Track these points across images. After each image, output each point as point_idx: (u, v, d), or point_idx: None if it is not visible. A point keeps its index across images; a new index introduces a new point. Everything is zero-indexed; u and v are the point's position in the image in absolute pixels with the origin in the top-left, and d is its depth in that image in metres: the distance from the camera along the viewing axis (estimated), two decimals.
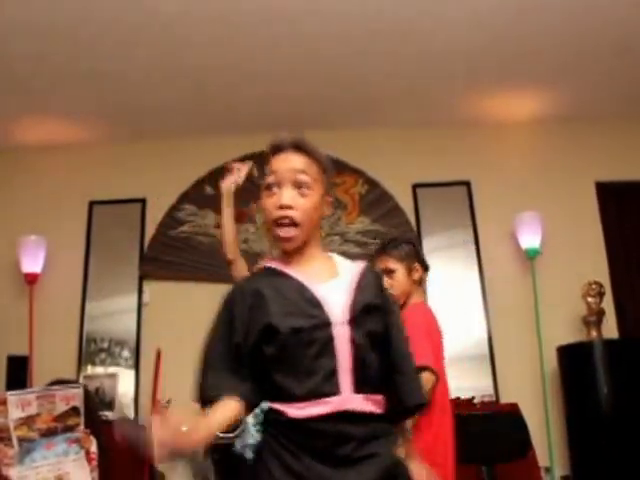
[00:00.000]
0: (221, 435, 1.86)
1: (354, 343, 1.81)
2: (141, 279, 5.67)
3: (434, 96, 5.46)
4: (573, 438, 4.94)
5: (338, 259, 2.03)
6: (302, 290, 1.86)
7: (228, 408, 1.86)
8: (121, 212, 5.83)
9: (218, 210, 5.65)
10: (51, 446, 3.19)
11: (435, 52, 4.84)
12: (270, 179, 1.90)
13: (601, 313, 5.14)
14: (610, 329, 5.25)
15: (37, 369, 5.12)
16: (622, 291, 5.52)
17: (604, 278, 5.36)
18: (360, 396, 1.79)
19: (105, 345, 5.51)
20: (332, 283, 1.89)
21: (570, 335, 5.17)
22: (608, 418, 4.69)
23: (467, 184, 5.73)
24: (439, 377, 2.82)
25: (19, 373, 5.12)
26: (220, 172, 5.73)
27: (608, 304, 5.28)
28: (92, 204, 5.86)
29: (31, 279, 5.44)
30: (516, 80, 5.25)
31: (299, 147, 1.96)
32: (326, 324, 1.81)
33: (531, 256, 5.36)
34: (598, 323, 5.11)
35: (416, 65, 5.01)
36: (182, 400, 5.18)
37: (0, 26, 4.34)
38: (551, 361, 5.14)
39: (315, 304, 1.83)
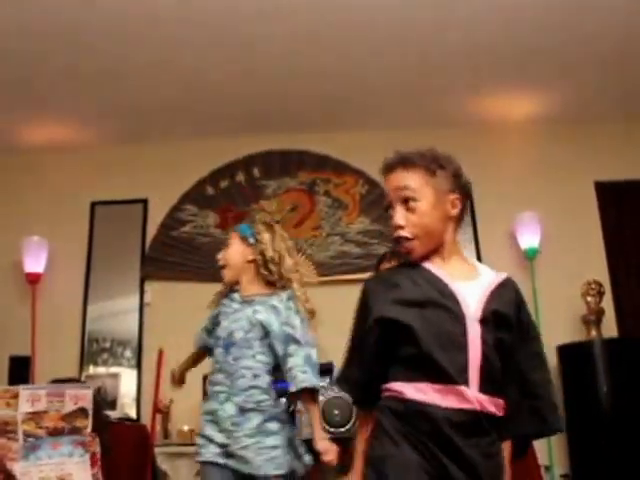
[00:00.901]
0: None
1: (485, 342, 1.86)
2: (143, 279, 5.69)
3: (433, 97, 5.47)
4: (573, 437, 4.94)
5: (480, 266, 2.10)
6: (436, 282, 1.93)
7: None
8: (123, 213, 5.86)
9: (219, 210, 5.73)
10: (57, 446, 3.22)
11: (435, 53, 4.86)
12: (386, 203, 2.04)
13: (601, 312, 5.15)
14: (610, 328, 5.26)
15: (39, 369, 5.14)
16: (622, 290, 5.53)
17: (603, 277, 5.38)
18: (487, 397, 1.83)
19: (107, 345, 5.53)
20: (469, 283, 1.95)
21: (570, 334, 5.18)
22: (608, 417, 4.71)
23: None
24: None
25: (22, 373, 5.13)
26: (221, 172, 5.81)
27: (608, 303, 5.30)
28: (94, 205, 5.89)
29: (33, 279, 5.46)
30: (515, 80, 5.27)
31: (399, 162, 2.03)
32: (460, 317, 1.87)
33: (530, 256, 5.38)
34: (598, 322, 5.13)
35: (416, 66, 5.02)
36: (183, 399, 5.23)
37: (3, 28, 4.35)
38: (551, 360, 5.10)
39: (448, 295, 1.90)
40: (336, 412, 4.71)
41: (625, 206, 5.74)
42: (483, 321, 1.88)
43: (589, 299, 5.16)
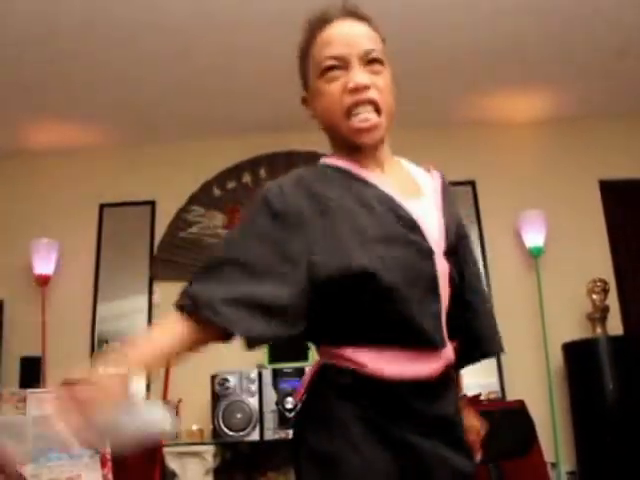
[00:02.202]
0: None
1: (452, 280, 1.48)
2: (151, 280, 5.72)
3: (437, 96, 5.49)
4: (579, 434, 4.97)
5: (409, 166, 1.66)
6: (393, 206, 1.44)
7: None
8: (131, 214, 5.89)
9: (226, 211, 5.76)
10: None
11: (439, 52, 4.88)
12: (328, 61, 1.48)
13: (606, 310, 5.16)
14: (615, 326, 5.28)
15: (50, 370, 5.18)
16: (627, 288, 5.54)
17: (608, 275, 5.39)
18: (451, 345, 1.47)
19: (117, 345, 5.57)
20: (419, 201, 1.50)
21: (575, 332, 5.20)
22: (614, 414, 4.72)
23: (472, 183, 5.77)
24: None
25: (32, 374, 5.17)
26: (227, 173, 5.85)
27: (613, 301, 5.31)
28: (103, 207, 5.92)
29: (43, 281, 5.51)
30: (519, 80, 5.28)
31: (354, 13, 1.56)
32: (428, 254, 1.43)
33: (535, 254, 5.40)
34: (603, 320, 5.14)
35: (419, 65, 5.01)
36: (192, 398, 5.26)
37: (12, 31, 4.39)
38: (557, 358, 5.17)
39: (412, 226, 1.43)
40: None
41: (630, 204, 5.75)
42: (447, 253, 1.48)
43: (594, 297, 5.16)
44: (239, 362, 4.86)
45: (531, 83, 5.36)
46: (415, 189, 1.52)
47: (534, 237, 5.41)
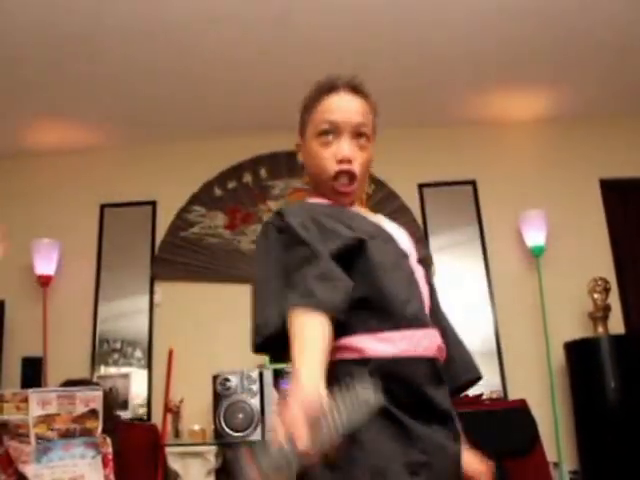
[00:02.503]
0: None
1: (429, 284, 1.68)
2: (152, 280, 5.72)
3: (439, 96, 5.49)
4: (581, 433, 4.97)
5: (380, 216, 1.84)
6: (370, 222, 1.69)
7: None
8: (132, 214, 5.89)
9: (227, 211, 5.77)
10: (69, 448, 3.26)
11: (440, 52, 4.88)
12: (325, 125, 1.70)
13: (607, 309, 5.16)
14: (616, 325, 5.28)
15: (51, 370, 5.18)
16: (628, 287, 5.55)
17: (610, 274, 5.39)
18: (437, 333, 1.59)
19: (118, 345, 5.56)
20: (390, 226, 1.75)
21: (577, 331, 5.20)
22: (616, 413, 4.72)
23: (473, 183, 5.78)
24: None
25: (34, 374, 5.18)
26: (228, 173, 5.85)
27: (614, 300, 5.31)
28: (103, 207, 5.92)
29: (45, 281, 5.50)
30: (520, 79, 5.28)
31: (356, 89, 1.78)
32: (404, 254, 1.64)
33: (536, 253, 5.40)
34: (604, 319, 5.14)
35: (421, 65, 5.03)
36: (194, 398, 5.28)
37: (13, 31, 4.39)
38: (558, 357, 5.17)
39: (388, 234, 1.67)
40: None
41: (630, 203, 5.76)
42: (420, 262, 1.69)
43: (595, 296, 5.16)
44: (240, 362, 4.87)
45: (532, 82, 5.36)
46: (384, 223, 1.75)
47: (535, 236, 5.41)
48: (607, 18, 4.55)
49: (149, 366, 5.48)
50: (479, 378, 1.78)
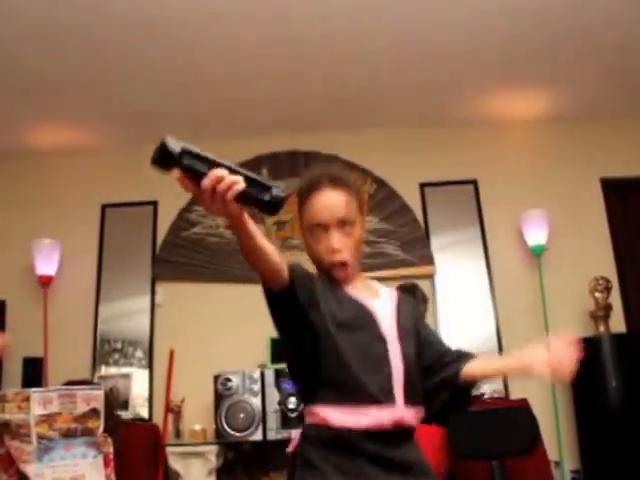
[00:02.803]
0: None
1: (405, 357, 1.90)
2: (154, 280, 5.72)
3: (440, 96, 5.49)
4: (582, 432, 4.97)
5: (375, 283, 2.11)
6: (357, 304, 1.94)
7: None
8: (133, 215, 5.89)
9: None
10: (70, 447, 3.25)
11: (440, 52, 4.87)
12: (314, 222, 1.95)
13: (608, 308, 5.16)
14: (618, 324, 5.28)
15: (52, 370, 5.18)
16: (629, 286, 5.55)
17: (611, 273, 5.39)
18: (411, 409, 1.86)
19: (119, 346, 5.56)
20: (378, 301, 1.98)
21: (578, 330, 5.14)
22: (617, 412, 4.73)
23: (474, 182, 5.78)
24: None
25: (35, 374, 5.18)
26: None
27: (615, 299, 5.31)
28: (105, 207, 5.92)
29: (46, 281, 5.50)
30: (521, 79, 5.28)
31: (337, 183, 1.98)
32: (382, 337, 1.90)
33: (538, 253, 5.39)
34: (606, 318, 5.14)
35: (422, 65, 5.03)
36: (195, 398, 5.28)
37: (15, 33, 4.39)
38: None
39: (369, 317, 1.92)
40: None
41: (631, 202, 5.76)
42: (400, 338, 1.92)
43: (597, 295, 5.16)
44: (242, 362, 4.87)
45: (532, 82, 5.35)
46: (374, 292, 2.02)
47: (536, 236, 5.41)
48: (607, 17, 4.54)
49: (150, 366, 5.48)
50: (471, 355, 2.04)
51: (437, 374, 1.98)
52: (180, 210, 5.81)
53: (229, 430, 4.66)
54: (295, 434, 1.95)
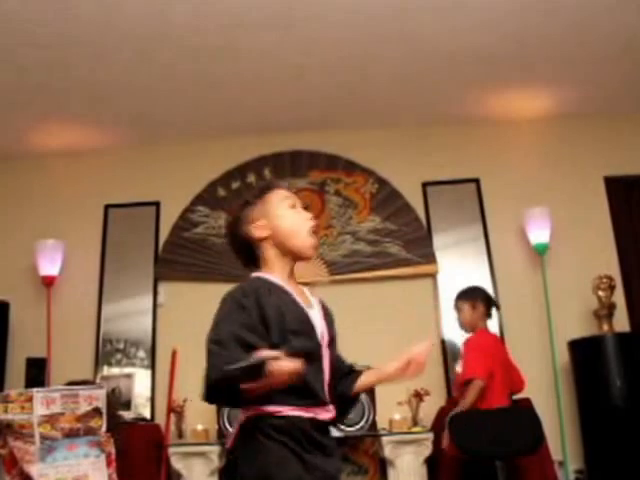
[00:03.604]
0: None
1: (332, 363, 2.13)
2: (156, 280, 5.72)
3: (442, 94, 5.48)
4: (586, 432, 4.95)
5: (305, 288, 2.28)
6: (302, 313, 2.11)
7: None
8: (136, 215, 5.89)
9: (230, 211, 5.75)
10: (73, 447, 3.24)
11: (443, 51, 4.86)
12: (290, 202, 2.22)
13: (612, 307, 5.14)
14: (621, 323, 5.26)
15: (55, 371, 5.18)
16: (633, 284, 5.53)
17: (614, 272, 5.38)
18: (332, 406, 2.10)
19: (121, 346, 5.56)
20: (313, 309, 2.17)
21: (581, 329, 5.19)
22: (621, 411, 4.72)
23: (476, 181, 5.77)
24: (488, 384, 4.07)
25: (38, 375, 5.18)
26: (232, 174, 5.85)
27: (619, 297, 5.30)
28: (107, 207, 5.92)
29: (48, 282, 5.51)
30: (523, 77, 5.27)
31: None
32: (319, 345, 2.10)
33: (541, 251, 5.38)
34: (609, 317, 5.12)
35: (424, 64, 5.02)
36: (197, 398, 5.26)
37: (19, 34, 4.39)
38: (563, 355, 5.16)
39: (311, 327, 2.10)
40: None
41: (635, 200, 5.73)
42: (328, 345, 2.13)
43: (600, 293, 5.15)
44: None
45: (535, 80, 5.35)
46: (309, 301, 2.18)
47: (539, 234, 5.39)
48: (611, 15, 4.54)
49: (152, 366, 5.48)
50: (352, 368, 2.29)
51: (337, 385, 2.18)
52: (182, 210, 5.81)
53: (231, 430, 4.65)
54: (231, 431, 2.16)
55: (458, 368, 5.01)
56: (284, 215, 2.19)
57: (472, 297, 4.43)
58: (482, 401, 4.10)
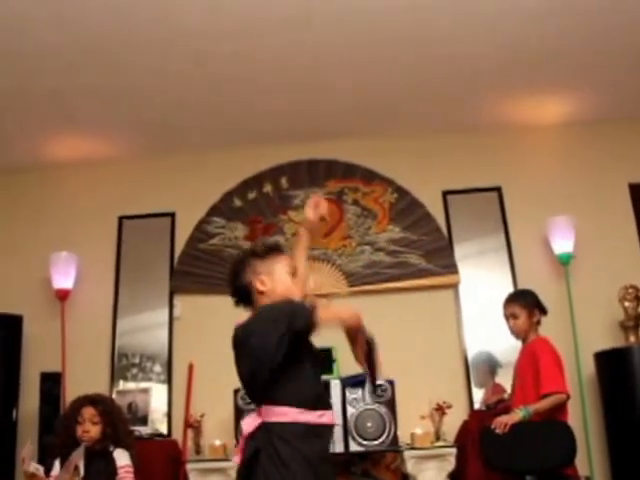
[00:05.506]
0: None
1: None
2: (172, 293, 5.67)
3: (462, 102, 5.43)
4: (613, 446, 4.87)
5: None
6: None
7: None
8: (151, 226, 5.84)
9: (247, 222, 5.71)
10: None
11: (462, 57, 4.81)
12: (289, 269, 2.62)
13: (639, 317, 5.05)
14: None
15: (70, 385, 5.12)
16: None
17: None
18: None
19: (137, 360, 5.51)
20: None
21: (607, 341, 5.10)
22: None
23: (498, 189, 5.69)
24: (569, 397, 3.94)
25: (53, 389, 5.13)
26: (248, 183, 5.79)
27: None
28: (122, 219, 5.88)
29: (63, 295, 5.46)
30: (545, 83, 5.21)
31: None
32: (320, 356, 2.68)
33: (565, 261, 5.29)
34: (636, 328, 5.03)
35: (443, 71, 4.98)
36: (215, 413, 5.19)
37: (32, 44, 4.36)
38: (588, 367, 5.06)
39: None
40: (369, 424, 4.66)
41: None
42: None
43: (626, 304, 5.07)
44: None
45: (558, 86, 5.29)
46: None
47: (563, 243, 5.31)
48: (633, 20, 4.48)
49: (169, 380, 5.42)
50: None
51: None
52: (198, 222, 5.77)
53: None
54: (251, 421, 2.55)
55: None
56: (284, 281, 2.59)
57: (529, 303, 4.27)
58: (563, 413, 3.97)
